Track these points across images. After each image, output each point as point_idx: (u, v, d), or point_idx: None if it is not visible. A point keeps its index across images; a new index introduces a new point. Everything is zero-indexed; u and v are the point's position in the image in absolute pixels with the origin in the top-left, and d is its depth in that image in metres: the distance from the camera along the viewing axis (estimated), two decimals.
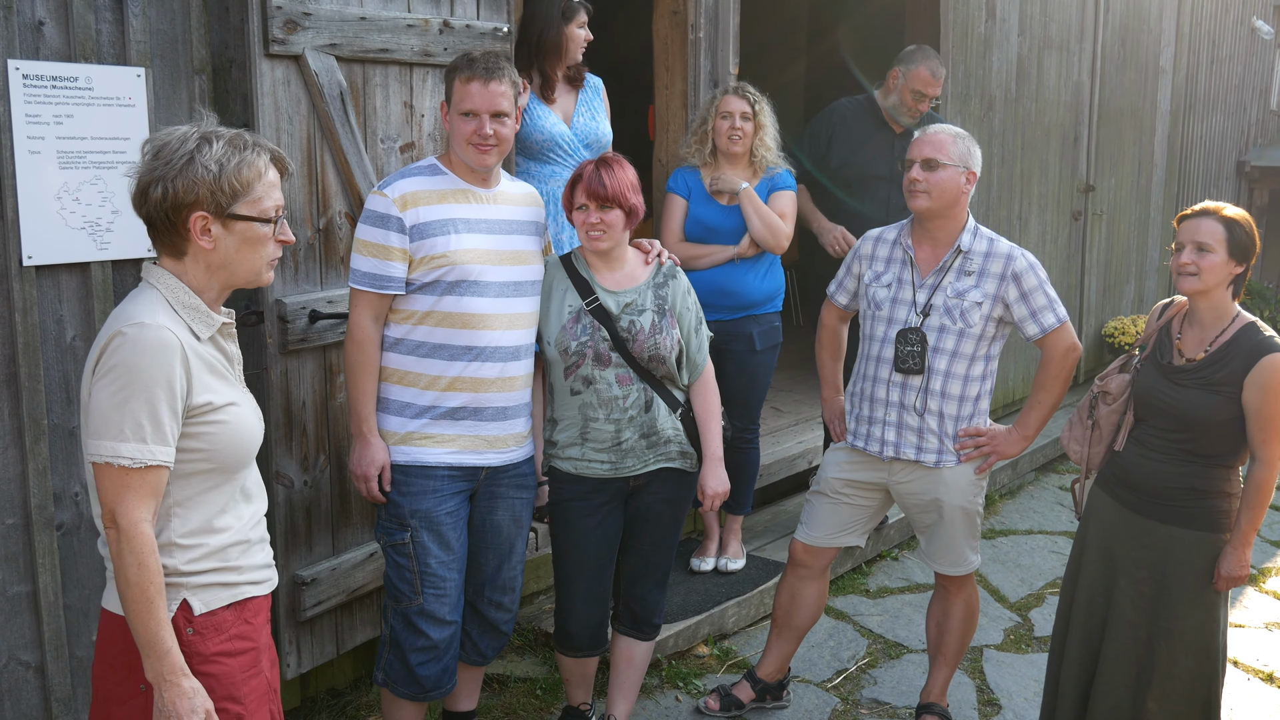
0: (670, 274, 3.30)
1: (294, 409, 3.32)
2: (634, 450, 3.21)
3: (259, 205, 2.09)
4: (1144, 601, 3.17)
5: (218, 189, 2.03)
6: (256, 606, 2.19)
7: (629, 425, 3.19)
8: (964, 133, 3.45)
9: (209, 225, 2.05)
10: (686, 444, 3.29)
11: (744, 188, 4.29)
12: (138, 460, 1.96)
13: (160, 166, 2.02)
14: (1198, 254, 3.04)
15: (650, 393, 3.21)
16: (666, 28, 4.89)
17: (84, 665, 2.97)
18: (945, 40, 6.39)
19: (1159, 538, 3.14)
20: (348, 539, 3.52)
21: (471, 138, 2.99)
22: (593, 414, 3.18)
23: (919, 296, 3.44)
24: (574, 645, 3.43)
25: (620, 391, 3.18)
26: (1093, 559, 3.30)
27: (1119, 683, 3.21)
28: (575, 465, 3.23)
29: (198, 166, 2.01)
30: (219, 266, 2.09)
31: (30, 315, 2.80)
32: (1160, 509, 3.13)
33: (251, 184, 2.07)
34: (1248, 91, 11.54)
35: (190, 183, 2.01)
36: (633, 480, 3.26)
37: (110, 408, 1.96)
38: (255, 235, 2.10)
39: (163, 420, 1.98)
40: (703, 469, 3.33)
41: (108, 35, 2.90)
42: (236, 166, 2.04)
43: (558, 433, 3.25)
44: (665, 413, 3.24)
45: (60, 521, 2.91)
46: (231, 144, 2.06)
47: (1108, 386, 3.25)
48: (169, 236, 2.06)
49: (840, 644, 4.48)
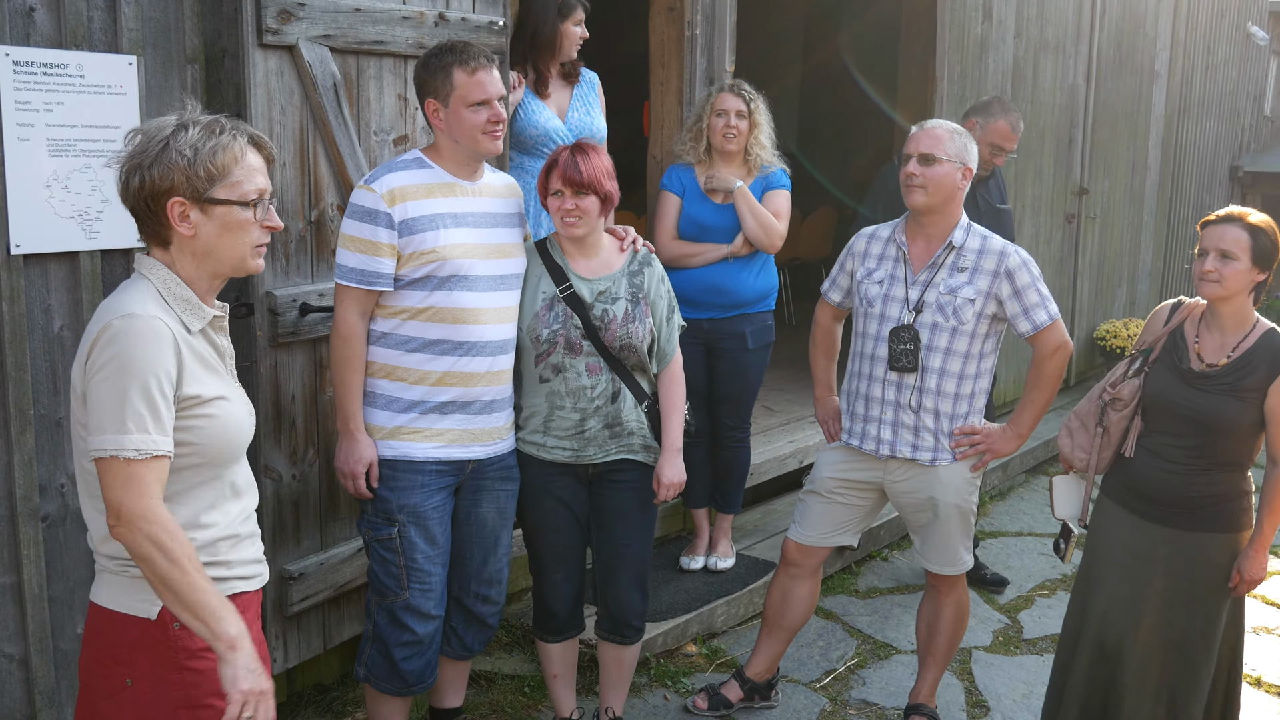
0: (645, 261, 3.29)
1: (283, 402, 3.30)
2: (596, 439, 3.20)
3: (238, 189, 2.06)
4: (1173, 610, 3.17)
5: (193, 174, 2.01)
6: (246, 601, 2.17)
7: (594, 415, 3.18)
8: (961, 129, 3.44)
9: (187, 211, 2.03)
10: (650, 438, 3.28)
11: (738, 186, 4.28)
12: (143, 451, 1.94)
13: (138, 155, 2.01)
14: (1221, 261, 3.03)
15: (618, 383, 3.20)
16: (663, 24, 4.87)
17: (68, 658, 2.95)
18: (941, 42, 6.39)
19: (1185, 545, 3.14)
20: (336, 534, 3.50)
21: (486, 126, 2.97)
22: (559, 402, 3.18)
23: (911, 293, 3.43)
24: (553, 627, 3.43)
25: (589, 381, 3.17)
26: (1109, 572, 3.28)
27: (1149, 692, 3.21)
28: (536, 450, 3.23)
29: (172, 152, 2.00)
30: (203, 254, 2.07)
31: (17, 304, 2.77)
32: (1183, 517, 3.13)
33: (229, 168, 2.05)
34: (1242, 96, 11.57)
35: (165, 169, 2.00)
36: (592, 468, 3.25)
37: (109, 402, 1.94)
38: (235, 220, 2.07)
39: (160, 409, 1.96)
40: (661, 457, 3.28)
41: (99, 22, 2.87)
42: (211, 150, 2.03)
43: (522, 418, 3.24)
44: (631, 404, 3.22)
45: (46, 513, 2.88)
46: (207, 129, 2.04)
47: (1120, 393, 3.21)
48: (153, 225, 2.05)
49: (829, 644, 4.48)
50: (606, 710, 3.56)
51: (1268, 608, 5.08)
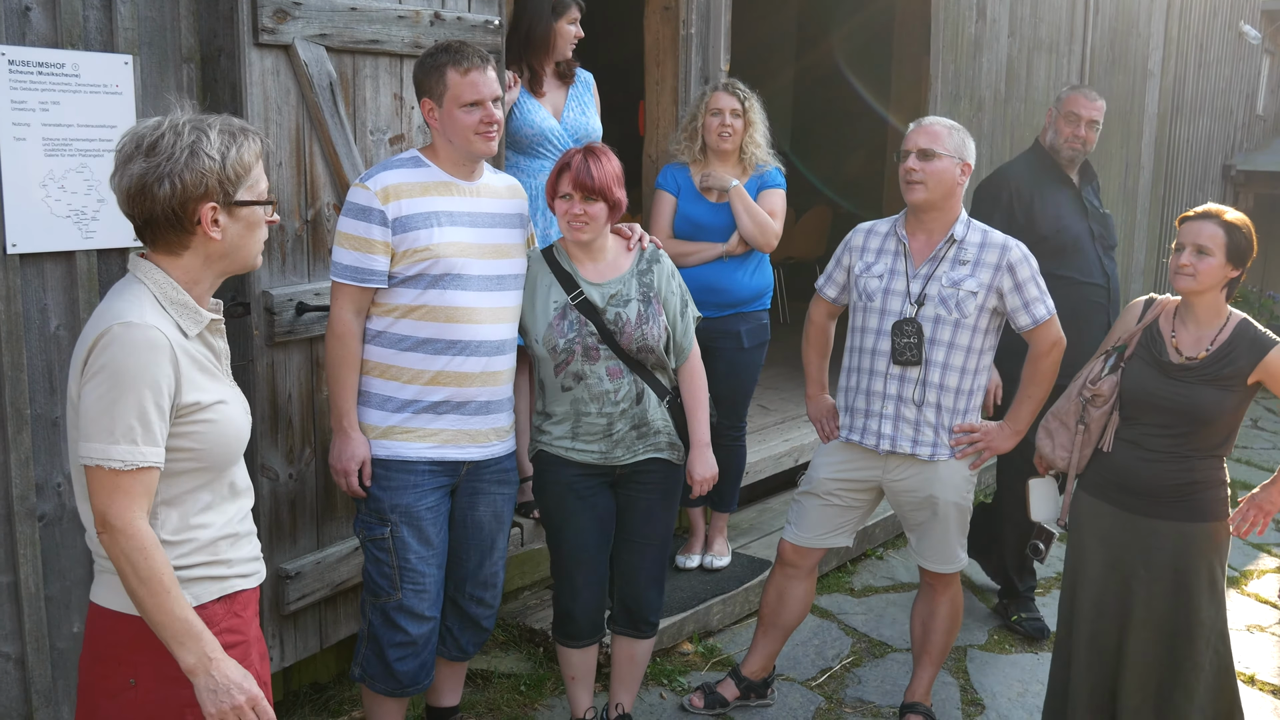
0: (653, 258, 3.28)
1: (280, 401, 3.30)
2: (624, 441, 3.20)
3: (257, 189, 2.09)
4: (1160, 601, 3.21)
5: (225, 178, 2.01)
6: (246, 599, 2.18)
7: (621, 418, 3.18)
8: (958, 125, 3.46)
9: (217, 215, 2.03)
10: (674, 435, 3.28)
11: (734, 185, 4.28)
12: (129, 462, 1.94)
13: (164, 163, 1.98)
14: (1196, 257, 3.12)
15: (641, 384, 3.20)
16: (658, 23, 4.88)
17: (65, 657, 2.95)
18: (935, 41, 6.40)
19: (1169, 536, 3.18)
20: (332, 532, 3.50)
21: (479, 127, 2.97)
22: (585, 408, 3.17)
23: (913, 286, 3.43)
24: (575, 632, 3.40)
25: (611, 385, 3.16)
26: (1095, 567, 3.32)
27: (1144, 684, 3.25)
28: (565, 451, 3.22)
29: (203, 157, 1.99)
30: (220, 255, 2.07)
31: (14, 304, 2.77)
32: (1167, 507, 3.18)
33: (251, 168, 2.07)
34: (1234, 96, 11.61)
35: (199, 175, 1.98)
36: (619, 469, 3.25)
37: (100, 409, 1.94)
38: (256, 219, 2.10)
39: (152, 421, 1.96)
40: (690, 454, 3.30)
41: (95, 22, 2.87)
42: (238, 153, 2.03)
43: (550, 424, 3.23)
44: (655, 403, 3.22)
45: (42, 512, 2.88)
46: (225, 131, 2.04)
47: (1100, 389, 3.26)
48: (171, 233, 2.02)
49: (825, 643, 4.49)
50: (616, 706, 3.56)
51: (1261, 606, 5.10)
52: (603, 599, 3.41)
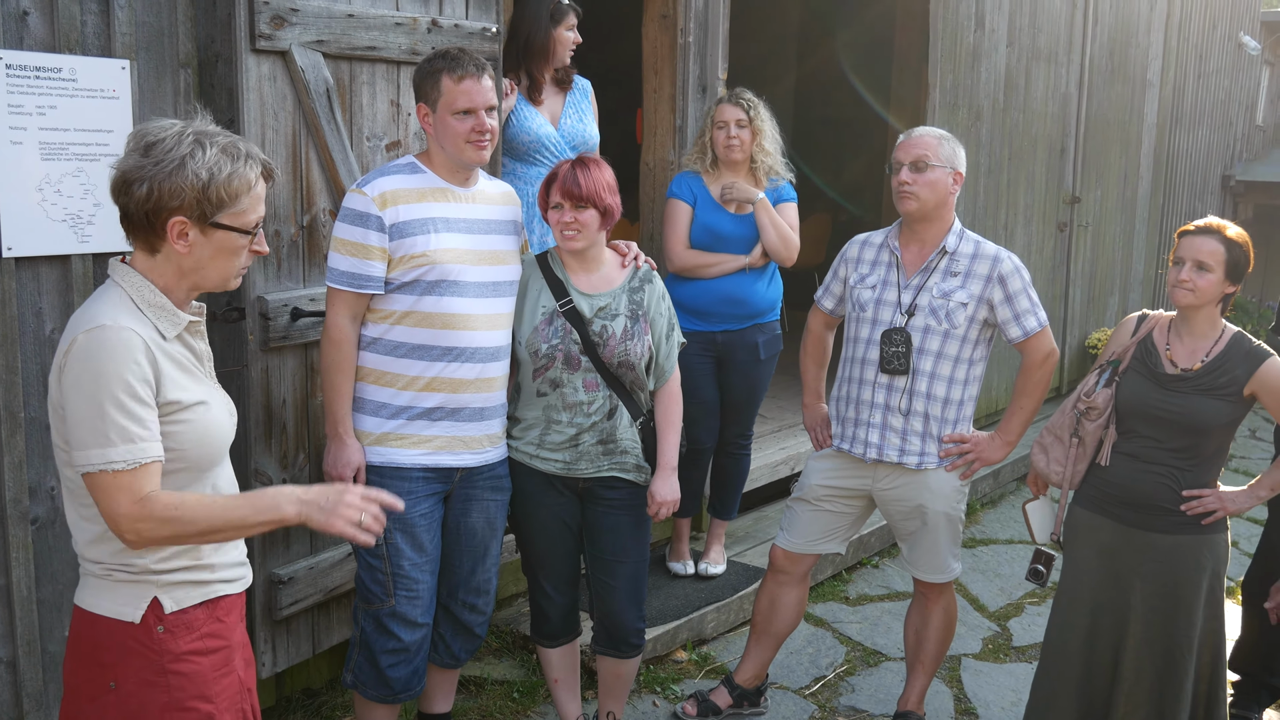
0: (646, 278, 3.29)
1: (274, 407, 3.30)
2: (589, 454, 3.20)
3: (242, 217, 2.05)
4: (1158, 616, 3.21)
5: (204, 197, 1.99)
6: (229, 605, 2.17)
7: (589, 430, 3.18)
8: (949, 134, 3.47)
9: (187, 230, 2.01)
10: (642, 458, 3.26)
11: (760, 198, 4.29)
12: (131, 461, 1.93)
13: (150, 166, 1.97)
14: (1196, 272, 3.13)
15: (615, 400, 3.20)
16: (656, 31, 4.88)
17: (57, 661, 2.95)
18: (934, 50, 6.41)
19: (1164, 550, 3.19)
20: (325, 538, 3.50)
21: (470, 135, 2.97)
22: (555, 416, 3.18)
23: (904, 297, 3.44)
24: (550, 631, 3.45)
25: (586, 397, 3.17)
26: (1090, 583, 3.31)
27: (1143, 699, 3.24)
28: (528, 459, 3.23)
29: (188, 172, 1.97)
30: (189, 270, 2.06)
31: (9, 307, 2.77)
32: (1164, 520, 3.18)
33: (239, 195, 2.03)
34: (1234, 106, 11.63)
35: (177, 188, 1.97)
36: (583, 481, 3.25)
37: (88, 416, 1.93)
38: (232, 245, 2.06)
39: (142, 416, 1.95)
40: (655, 475, 3.27)
41: (93, 26, 2.88)
42: (228, 177, 2.01)
43: (519, 429, 3.24)
44: (627, 423, 3.22)
45: (35, 515, 2.88)
46: (225, 152, 2.02)
47: (1095, 402, 3.26)
48: (144, 234, 2.03)
49: (819, 651, 4.48)
50: (608, 715, 3.57)
51: None
52: (575, 597, 3.45)
